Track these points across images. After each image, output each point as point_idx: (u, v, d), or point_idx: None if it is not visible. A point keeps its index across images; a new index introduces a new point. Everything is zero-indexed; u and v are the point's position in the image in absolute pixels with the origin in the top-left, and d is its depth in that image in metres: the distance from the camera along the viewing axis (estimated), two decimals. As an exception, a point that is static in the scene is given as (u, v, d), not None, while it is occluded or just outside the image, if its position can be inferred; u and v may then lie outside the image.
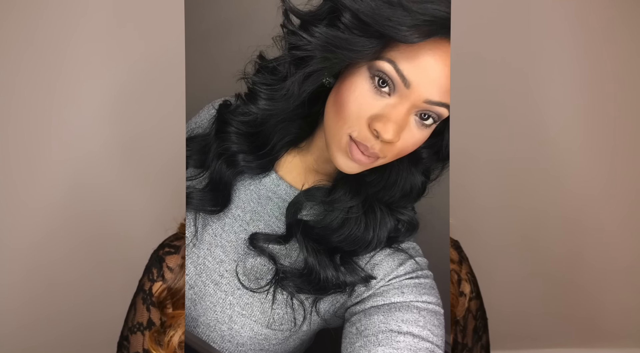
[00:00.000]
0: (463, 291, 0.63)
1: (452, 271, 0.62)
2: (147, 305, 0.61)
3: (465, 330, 0.63)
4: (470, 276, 0.64)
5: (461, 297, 0.63)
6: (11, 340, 1.08)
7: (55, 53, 1.02)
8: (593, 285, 1.19)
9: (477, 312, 0.64)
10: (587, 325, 1.22)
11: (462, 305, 0.63)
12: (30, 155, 1.05)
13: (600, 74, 1.11)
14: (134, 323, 0.61)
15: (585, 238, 1.17)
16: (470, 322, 0.63)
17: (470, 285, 0.63)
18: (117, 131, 1.06)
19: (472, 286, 0.64)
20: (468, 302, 0.63)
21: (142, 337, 0.60)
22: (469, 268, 0.65)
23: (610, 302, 1.20)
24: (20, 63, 1.02)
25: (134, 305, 0.63)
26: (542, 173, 1.15)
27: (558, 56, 1.10)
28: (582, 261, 1.18)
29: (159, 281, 0.60)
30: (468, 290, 0.63)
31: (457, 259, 0.64)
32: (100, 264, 1.09)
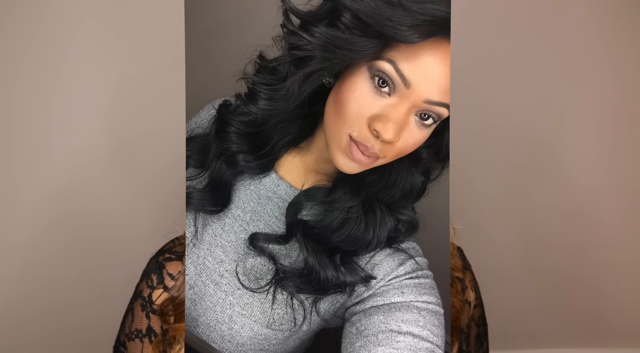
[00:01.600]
0: (468, 299, 0.63)
1: (457, 279, 0.62)
2: (146, 312, 0.60)
3: (469, 337, 0.63)
4: (474, 283, 0.64)
5: (465, 305, 0.63)
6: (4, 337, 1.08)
7: (54, 53, 1.02)
8: (596, 283, 1.19)
9: (479, 319, 0.65)
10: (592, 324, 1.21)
11: (465, 313, 0.63)
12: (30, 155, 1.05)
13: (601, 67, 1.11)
14: (131, 330, 0.61)
15: (588, 234, 1.17)
16: (473, 329, 0.63)
17: (474, 292, 0.63)
18: (117, 131, 1.06)
19: (476, 294, 0.64)
20: (472, 310, 0.63)
21: (140, 344, 0.60)
22: (472, 275, 0.65)
23: (615, 301, 1.20)
24: (21, 63, 1.02)
25: (131, 311, 0.61)
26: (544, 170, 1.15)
27: (558, 54, 1.10)
28: (584, 258, 1.18)
29: (159, 288, 0.60)
30: (473, 297, 0.63)
31: (461, 266, 0.64)
32: (96, 265, 1.09)
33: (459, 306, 0.61)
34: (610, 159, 1.15)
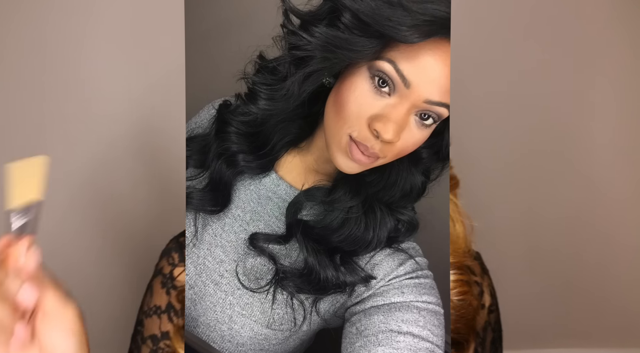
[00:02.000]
0: (484, 303, 0.63)
1: (475, 283, 0.62)
2: (167, 289, 0.60)
3: (485, 342, 0.63)
4: (491, 288, 0.64)
5: (482, 309, 0.63)
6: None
7: (54, 52, 1.02)
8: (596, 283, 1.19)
9: (495, 324, 0.65)
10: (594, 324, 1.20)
11: (482, 317, 0.63)
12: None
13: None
14: (149, 306, 0.60)
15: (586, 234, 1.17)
16: (489, 334, 0.64)
17: (490, 298, 0.64)
18: (117, 130, 1.06)
19: (493, 299, 0.64)
20: (488, 315, 0.63)
21: (158, 320, 0.59)
22: (490, 281, 0.65)
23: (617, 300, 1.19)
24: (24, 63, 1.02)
25: (150, 288, 0.62)
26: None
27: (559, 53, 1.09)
28: (583, 261, 1.18)
29: (181, 266, 0.60)
30: (489, 302, 0.63)
31: (480, 271, 0.64)
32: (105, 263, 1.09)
33: (475, 306, 0.61)
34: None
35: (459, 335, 0.59)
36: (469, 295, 0.60)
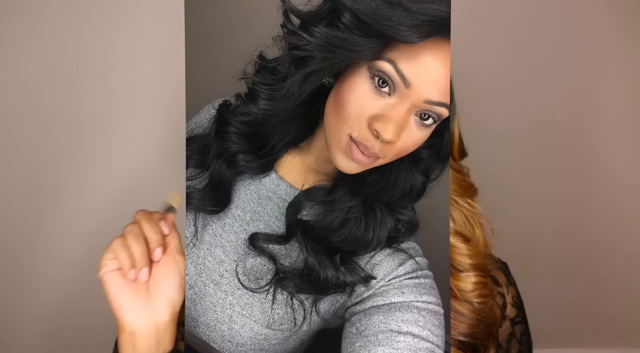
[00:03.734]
0: (508, 315, 0.63)
1: (498, 294, 0.62)
2: None
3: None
4: (517, 300, 0.64)
5: (505, 321, 0.63)
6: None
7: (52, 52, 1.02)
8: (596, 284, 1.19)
9: (521, 336, 0.64)
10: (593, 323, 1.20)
11: (506, 329, 0.63)
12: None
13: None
14: None
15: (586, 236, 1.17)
16: (514, 346, 0.63)
17: (515, 309, 0.63)
18: (116, 130, 1.06)
19: (518, 311, 0.64)
20: (513, 326, 0.63)
21: None
22: (516, 292, 0.64)
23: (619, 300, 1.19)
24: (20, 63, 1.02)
25: None
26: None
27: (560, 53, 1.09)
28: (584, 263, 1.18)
29: None
30: (514, 314, 0.63)
31: (505, 282, 0.64)
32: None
33: (497, 314, 0.61)
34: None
35: (476, 340, 0.58)
36: (490, 298, 0.59)
